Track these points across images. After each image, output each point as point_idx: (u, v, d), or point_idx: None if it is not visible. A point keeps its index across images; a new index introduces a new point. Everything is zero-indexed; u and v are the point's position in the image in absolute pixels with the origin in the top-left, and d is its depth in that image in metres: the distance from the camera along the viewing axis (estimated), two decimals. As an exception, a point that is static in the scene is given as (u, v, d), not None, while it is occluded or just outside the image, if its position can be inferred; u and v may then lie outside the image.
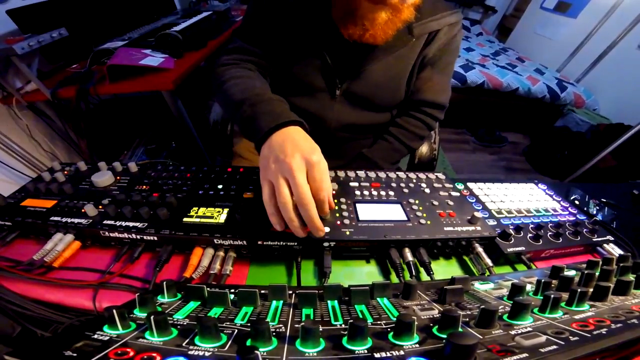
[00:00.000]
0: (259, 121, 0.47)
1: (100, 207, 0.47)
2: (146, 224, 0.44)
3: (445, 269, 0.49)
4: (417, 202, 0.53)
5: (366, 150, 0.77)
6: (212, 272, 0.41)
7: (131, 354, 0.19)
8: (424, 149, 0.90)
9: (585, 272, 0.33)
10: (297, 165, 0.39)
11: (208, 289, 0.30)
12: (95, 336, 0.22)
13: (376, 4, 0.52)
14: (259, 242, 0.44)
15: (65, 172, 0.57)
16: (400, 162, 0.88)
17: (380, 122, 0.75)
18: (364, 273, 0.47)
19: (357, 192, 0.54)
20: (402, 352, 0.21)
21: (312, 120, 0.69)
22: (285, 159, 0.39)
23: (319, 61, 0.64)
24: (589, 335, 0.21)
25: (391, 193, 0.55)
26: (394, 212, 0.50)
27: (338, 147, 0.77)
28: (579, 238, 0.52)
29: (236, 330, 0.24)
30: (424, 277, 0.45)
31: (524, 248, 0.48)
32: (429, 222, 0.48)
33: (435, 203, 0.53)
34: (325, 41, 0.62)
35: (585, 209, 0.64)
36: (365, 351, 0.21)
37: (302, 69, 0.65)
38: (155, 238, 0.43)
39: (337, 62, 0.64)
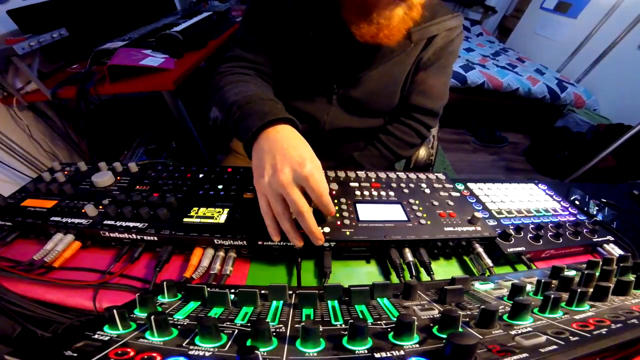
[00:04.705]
0: (247, 121, 0.46)
1: (100, 207, 0.47)
2: (146, 224, 0.44)
3: (445, 269, 0.49)
4: (417, 202, 0.53)
5: (356, 154, 0.76)
6: (212, 272, 0.41)
7: (131, 354, 0.19)
8: (421, 152, 0.87)
9: (586, 272, 0.33)
10: (288, 181, 0.38)
11: (208, 289, 0.30)
12: (96, 336, 0.22)
13: (395, 0, 0.50)
14: (259, 242, 0.44)
15: (66, 172, 0.57)
16: (397, 164, 0.86)
17: (374, 127, 0.75)
18: (364, 273, 0.47)
19: (357, 192, 0.54)
20: (402, 352, 0.21)
21: (307, 121, 0.70)
22: (276, 174, 0.38)
23: (319, 67, 0.63)
24: (589, 335, 0.21)
25: (391, 193, 0.55)
26: (394, 212, 0.50)
27: (331, 148, 0.77)
28: (579, 238, 0.52)
29: (236, 330, 0.24)
30: (424, 277, 0.45)
31: (524, 248, 0.48)
32: (429, 223, 0.48)
33: (436, 203, 0.53)
34: (329, 45, 0.61)
35: (585, 209, 0.64)
36: (366, 351, 0.21)
37: (301, 75, 0.65)
38: (156, 238, 0.43)
39: (336, 68, 0.63)
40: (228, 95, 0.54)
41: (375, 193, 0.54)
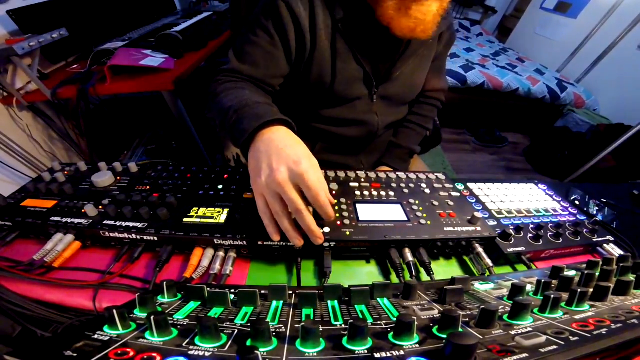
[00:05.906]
0: (242, 124, 0.46)
1: (100, 207, 0.47)
2: (146, 224, 0.44)
3: (445, 269, 0.49)
4: (417, 202, 0.53)
5: (395, 139, 0.86)
6: (212, 272, 0.41)
7: (131, 354, 0.19)
8: None
9: (586, 272, 0.33)
10: (284, 180, 0.38)
11: (208, 289, 0.30)
12: (96, 336, 0.22)
13: None
14: (259, 242, 0.44)
15: (66, 172, 0.57)
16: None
17: (406, 115, 0.85)
18: (364, 273, 0.47)
19: (357, 192, 0.54)
20: (402, 352, 0.21)
21: (357, 126, 0.74)
22: (272, 174, 0.39)
23: (361, 72, 0.65)
24: (589, 336, 0.21)
25: (391, 193, 0.55)
26: (394, 213, 0.50)
27: (378, 143, 0.84)
28: (579, 238, 0.52)
29: (236, 331, 0.24)
30: (424, 277, 0.45)
31: (524, 248, 0.48)
32: (429, 223, 0.48)
33: (436, 203, 0.53)
34: (368, 48, 0.63)
35: (585, 209, 0.64)
36: (365, 351, 0.21)
37: (343, 84, 0.65)
38: (156, 238, 0.43)
39: (374, 69, 0.67)
40: (225, 101, 0.54)
41: (375, 193, 0.54)
